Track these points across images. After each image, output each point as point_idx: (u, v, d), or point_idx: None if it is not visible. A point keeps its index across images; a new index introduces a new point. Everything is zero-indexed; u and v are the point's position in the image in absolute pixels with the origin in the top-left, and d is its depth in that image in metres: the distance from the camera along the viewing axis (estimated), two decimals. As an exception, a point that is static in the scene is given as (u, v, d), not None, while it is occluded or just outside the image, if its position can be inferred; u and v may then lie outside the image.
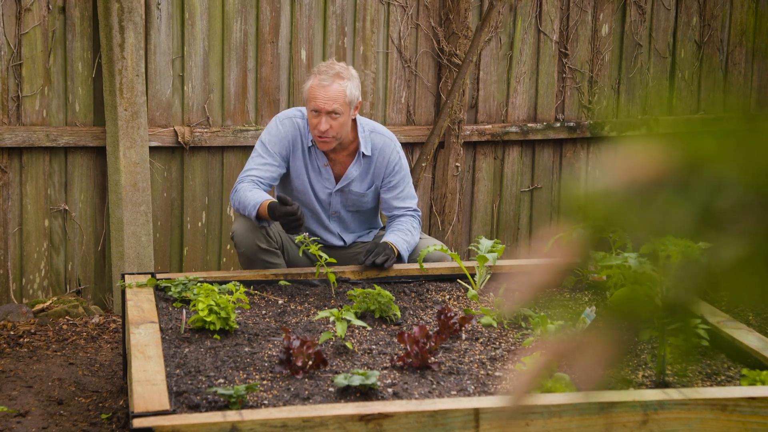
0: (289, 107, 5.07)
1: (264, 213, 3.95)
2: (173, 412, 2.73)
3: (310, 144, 4.18)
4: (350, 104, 4.08)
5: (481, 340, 3.49)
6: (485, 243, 3.90)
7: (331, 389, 2.99)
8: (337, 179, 4.26)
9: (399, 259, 4.16)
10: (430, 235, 5.36)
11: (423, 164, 5.27)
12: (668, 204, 0.86)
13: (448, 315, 3.43)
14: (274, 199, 3.98)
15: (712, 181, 0.84)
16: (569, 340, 0.97)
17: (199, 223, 5.10)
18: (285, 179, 4.27)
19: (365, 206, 4.33)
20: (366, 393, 2.94)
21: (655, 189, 0.87)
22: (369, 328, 3.55)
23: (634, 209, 0.87)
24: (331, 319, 3.37)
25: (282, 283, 3.97)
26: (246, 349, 3.33)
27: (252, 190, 4.02)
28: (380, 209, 4.41)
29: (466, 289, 3.96)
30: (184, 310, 3.63)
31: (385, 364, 3.22)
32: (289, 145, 4.18)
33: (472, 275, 3.97)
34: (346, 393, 2.95)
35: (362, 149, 4.20)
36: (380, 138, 4.24)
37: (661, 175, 0.86)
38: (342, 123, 4.07)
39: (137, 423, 2.64)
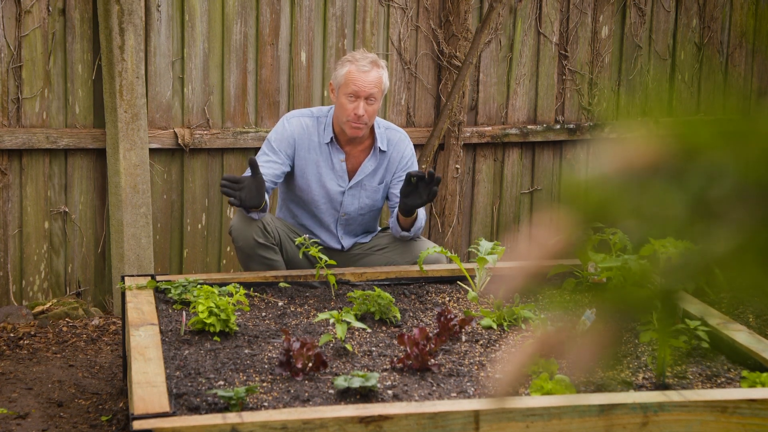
0: (289, 109, 5.07)
1: None
2: (173, 414, 2.73)
3: (327, 141, 4.20)
4: (383, 93, 4.16)
5: (481, 342, 3.49)
6: (485, 245, 3.89)
7: (331, 391, 2.98)
8: (351, 176, 4.28)
9: (416, 223, 4.20)
10: (430, 236, 5.37)
11: (423, 166, 5.27)
12: (663, 191, 0.85)
13: (448, 317, 3.43)
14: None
15: (707, 169, 0.84)
16: (558, 329, 0.97)
17: (199, 225, 5.10)
18: (288, 179, 4.27)
19: (376, 205, 4.35)
20: (366, 395, 2.94)
21: (650, 176, 0.86)
22: (369, 330, 3.55)
23: (629, 195, 0.87)
24: (331, 320, 3.37)
25: (282, 284, 3.97)
26: (246, 351, 3.33)
27: None
28: (383, 208, 4.43)
29: (466, 291, 3.96)
30: (183, 312, 3.63)
31: (385, 366, 3.22)
32: (294, 144, 4.20)
33: (472, 277, 3.97)
34: (346, 395, 2.95)
35: (378, 144, 4.25)
36: (395, 134, 4.32)
37: (656, 162, 0.86)
38: (375, 110, 4.15)
39: (137, 425, 2.64)
